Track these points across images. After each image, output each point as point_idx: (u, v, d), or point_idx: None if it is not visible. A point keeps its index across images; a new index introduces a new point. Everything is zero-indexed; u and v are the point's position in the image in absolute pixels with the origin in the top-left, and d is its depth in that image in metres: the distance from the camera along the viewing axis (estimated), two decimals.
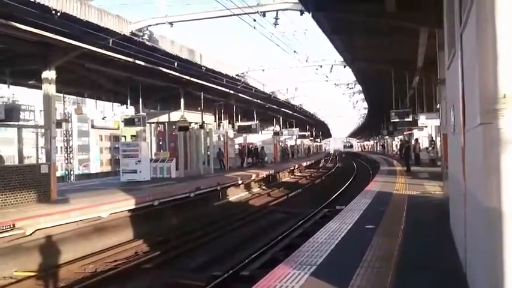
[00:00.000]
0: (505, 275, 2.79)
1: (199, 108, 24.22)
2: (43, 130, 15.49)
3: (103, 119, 22.37)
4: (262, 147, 37.81)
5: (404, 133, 39.48)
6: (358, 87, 32.37)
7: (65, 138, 41.71)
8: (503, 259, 2.79)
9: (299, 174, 38.08)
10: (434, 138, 29.63)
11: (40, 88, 14.64)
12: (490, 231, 2.97)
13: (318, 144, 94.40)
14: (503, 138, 2.78)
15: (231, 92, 25.18)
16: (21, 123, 14.79)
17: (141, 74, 18.29)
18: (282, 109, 38.60)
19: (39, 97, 15.09)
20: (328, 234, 7.47)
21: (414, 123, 25.02)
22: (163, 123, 24.53)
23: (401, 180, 17.61)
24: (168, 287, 8.79)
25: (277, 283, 4.91)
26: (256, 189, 25.21)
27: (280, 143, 46.96)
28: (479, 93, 3.07)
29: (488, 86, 2.90)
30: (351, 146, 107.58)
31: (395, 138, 52.28)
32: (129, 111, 22.04)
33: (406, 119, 23.28)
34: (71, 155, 41.64)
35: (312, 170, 43.99)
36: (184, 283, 8.85)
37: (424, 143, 34.23)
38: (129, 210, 13.46)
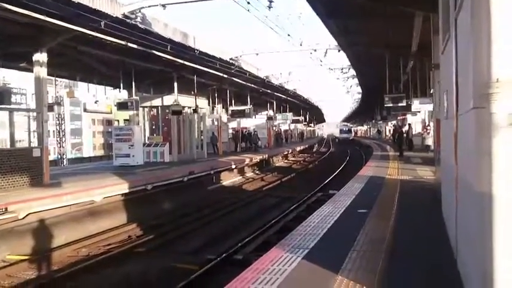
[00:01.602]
0: (494, 260, 2.82)
1: (192, 93, 24.08)
2: (35, 114, 15.34)
3: (95, 102, 22.34)
4: (256, 132, 37.77)
5: (398, 118, 39.58)
6: (352, 71, 32.32)
7: (57, 122, 41.32)
8: (493, 245, 2.82)
9: (293, 159, 38.16)
10: (428, 124, 29.71)
11: (31, 71, 14.47)
12: (481, 216, 2.99)
13: (312, 129, 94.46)
14: (496, 122, 2.79)
15: (225, 76, 25.04)
16: (12, 106, 14.65)
17: (134, 57, 18.11)
18: (275, 93, 38.50)
19: (31, 80, 14.94)
20: (321, 218, 7.52)
21: (408, 108, 25.08)
22: (156, 107, 24.39)
23: (393, 165, 17.71)
24: (162, 270, 8.84)
25: (269, 266, 4.95)
26: (249, 174, 25.27)
27: (274, 128, 46.95)
28: (472, 78, 3.06)
29: (481, 70, 2.89)
30: (349, 131, 76.50)
31: (389, 123, 52.38)
32: (122, 94, 21.87)
33: (399, 104, 23.32)
34: (64, 139, 41.29)
35: (305, 154, 44.08)
36: (178, 266, 8.89)
37: (417, 128, 34.40)
38: (123, 195, 13.46)
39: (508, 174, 2.78)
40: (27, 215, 10.16)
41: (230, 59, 22.86)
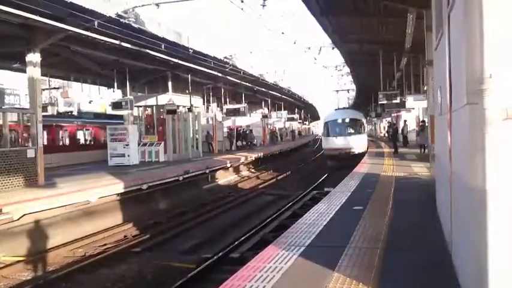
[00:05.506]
0: (488, 253, 2.84)
1: (187, 91, 24.03)
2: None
3: (90, 102, 22.14)
4: (251, 130, 37.72)
5: (392, 115, 39.66)
6: (347, 69, 32.38)
7: None
8: (487, 240, 2.84)
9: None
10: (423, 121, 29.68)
11: (24, 71, 14.38)
12: (475, 211, 3.01)
13: (307, 127, 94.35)
14: (489, 118, 2.81)
15: (219, 74, 25.00)
16: (6, 107, 14.55)
17: (128, 56, 18.06)
18: (270, 92, 38.49)
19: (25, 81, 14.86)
20: (317, 216, 7.53)
21: (402, 105, 25.10)
22: (151, 106, 24.31)
23: (388, 162, 17.75)
24: (158, 269, 8.83)
25: (266, 264, 4.96)
26: (245, 172, 25.26)
27: (269, 126, 46.86)
28: (465, 74, 3.08)
29: (474, 66, 2.91)
30: (356, 126, 27.27)
31: (383, 120, 52.39)
32: (116, 94, 21.78)
33: (393, 101, 23.33)
34: None
35: (300, 152, 44.09)
36: (174, 265, 8.89)
37: (411, 125, 34.45)
38: (118, 194, 13.41)
39: (501, 169, 2.81)
40: (22, 216, 10.10)
41: (224, 57, 22.84)
